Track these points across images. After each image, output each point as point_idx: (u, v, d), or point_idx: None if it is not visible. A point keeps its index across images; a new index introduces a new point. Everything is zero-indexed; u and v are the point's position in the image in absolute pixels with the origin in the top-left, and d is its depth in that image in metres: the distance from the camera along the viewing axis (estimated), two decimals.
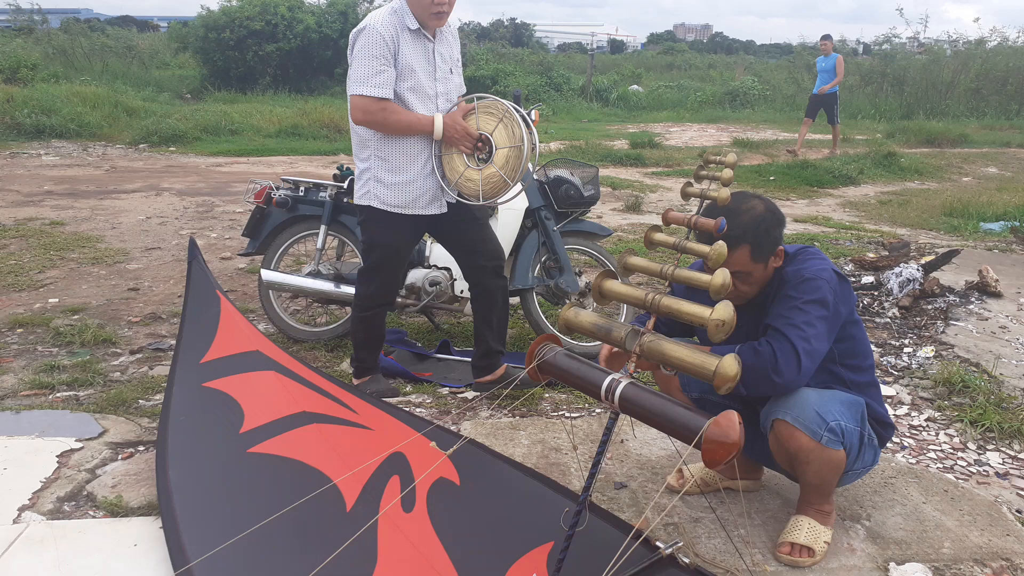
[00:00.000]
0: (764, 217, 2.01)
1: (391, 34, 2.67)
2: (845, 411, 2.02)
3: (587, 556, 1.73)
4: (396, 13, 2.72)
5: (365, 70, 2.66)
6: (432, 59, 2.81)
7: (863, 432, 2.06)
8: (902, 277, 4.35)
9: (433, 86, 2.81)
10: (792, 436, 1.99)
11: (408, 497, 2.09)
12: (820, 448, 1.98)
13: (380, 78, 2.67)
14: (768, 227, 2.01)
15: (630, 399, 1.72)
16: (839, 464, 2.04)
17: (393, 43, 2.68)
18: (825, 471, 2.04)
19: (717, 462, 1.57)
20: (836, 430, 1.98)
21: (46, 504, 2.27)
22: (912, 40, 20.41)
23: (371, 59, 2.66)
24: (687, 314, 1.69)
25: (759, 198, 2.07)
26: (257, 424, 2.42)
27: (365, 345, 3.09)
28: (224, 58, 16.84)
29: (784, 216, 2.10)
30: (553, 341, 1.98)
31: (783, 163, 10.45)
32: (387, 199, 2.80)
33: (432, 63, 2.81)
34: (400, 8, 2.73)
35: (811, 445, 1.98)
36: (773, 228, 2.02)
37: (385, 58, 2.67)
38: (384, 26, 2.66)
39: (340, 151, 10.74)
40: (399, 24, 2.70)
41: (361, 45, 2.67)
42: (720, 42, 53.47)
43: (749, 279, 2.05)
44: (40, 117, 11.02)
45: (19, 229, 5.78)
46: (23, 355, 3.46)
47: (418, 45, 2.76)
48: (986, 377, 3.33)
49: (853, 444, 2.03)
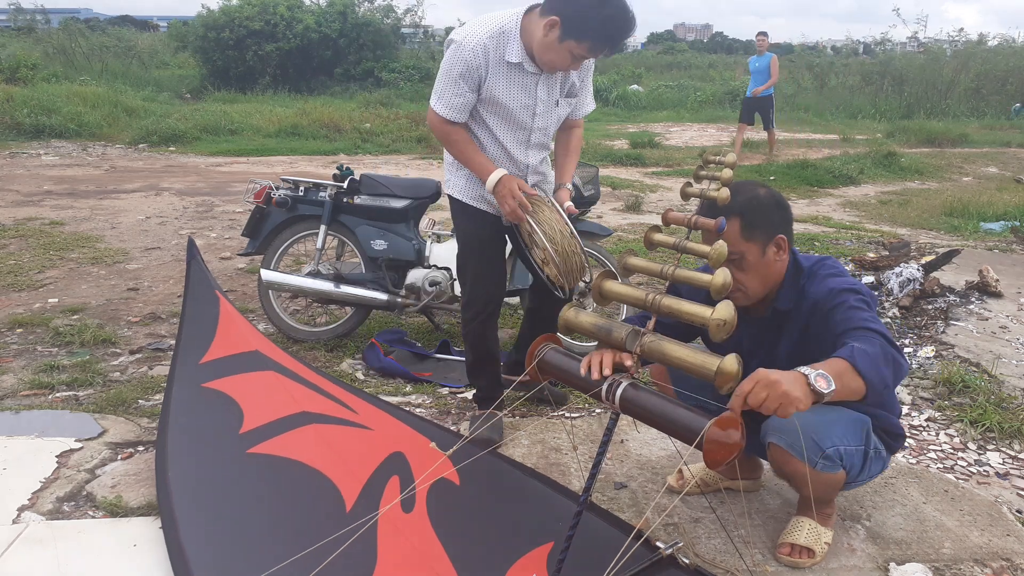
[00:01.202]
0: (761, 198, 1.96)
1: (479, 63, 2.35)
2: (847, 432, 1.97)
3: (587, 556, 1.72)
4: (497, 39, 2.35)
5: (442, 86, 2.41)
6: (533, 93, 2.46)
7: (867, 449, 2.01)
8: (902, 277, 4.35)
9: (529, 120, 2.51)
10: (787, 461, 1.97)
11: (408, 498, 2.09)
12: (816, 473, 1.96)
13: (455, 100, 2.41)
14: (764, 206, 1.95)
15: (630, 399, 1.72)
16: (838, 483, 2.02)
17: (479, 72, 2.37)
18: (823, 490, 2.03)
19: (719, 462, 1.57)
20: (833, 456, 1.94)
21: (46, 504, 2.26)
22: (912, 40, 20.41)
23: (450, 80, 2.38)
24: (688, 314, 1.68)
25: (764, 186, 2.02)
26: (257, 424, 2.41)
27: (475, 367, 2.79)
28: (224, 58, 16.85)
29: (789, 207, 2.05)
30: (553, 341, 1.98)
31: (783, 163, 10.44)
32: (463, 190, 2.62)
33: (532, 97, 2.47)
34: (506, 33, 2.35)
35: (805, 470, 1.95)
36: (771, 210, 1.96)
37: (466, 84, 2.38)
38: (474, 52, 2.34)
39: (340, 151, 10.74)
40: (496, 55, 2.36)
41: (446, 61, 2.39)
42: (720, 42, 53.48)
43: (743, 264, 1.96)
44: (40, 117, 11.03)
45: (19, 229, 5.78)
46: (23, 355, 3.46)
47: (515, 79, 2.41)
48: (986, 377, 3.33)
49: (854, 464, 2.00)
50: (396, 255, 3.59)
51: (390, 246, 3.59)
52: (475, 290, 2.70)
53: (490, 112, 2.49)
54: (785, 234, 1.99)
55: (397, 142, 11.50)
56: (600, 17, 2.23)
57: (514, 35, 2.36)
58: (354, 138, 11.51)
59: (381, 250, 3.59)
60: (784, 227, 2.00)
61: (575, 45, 2.28)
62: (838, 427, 1.96)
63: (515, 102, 2.45)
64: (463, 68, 2.35)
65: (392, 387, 3.25)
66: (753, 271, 1.98)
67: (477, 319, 2.70)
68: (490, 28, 2.36)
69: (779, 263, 2.01)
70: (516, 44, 2.36)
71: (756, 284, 2.00)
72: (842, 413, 1.98)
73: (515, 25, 2.36)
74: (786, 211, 2.01)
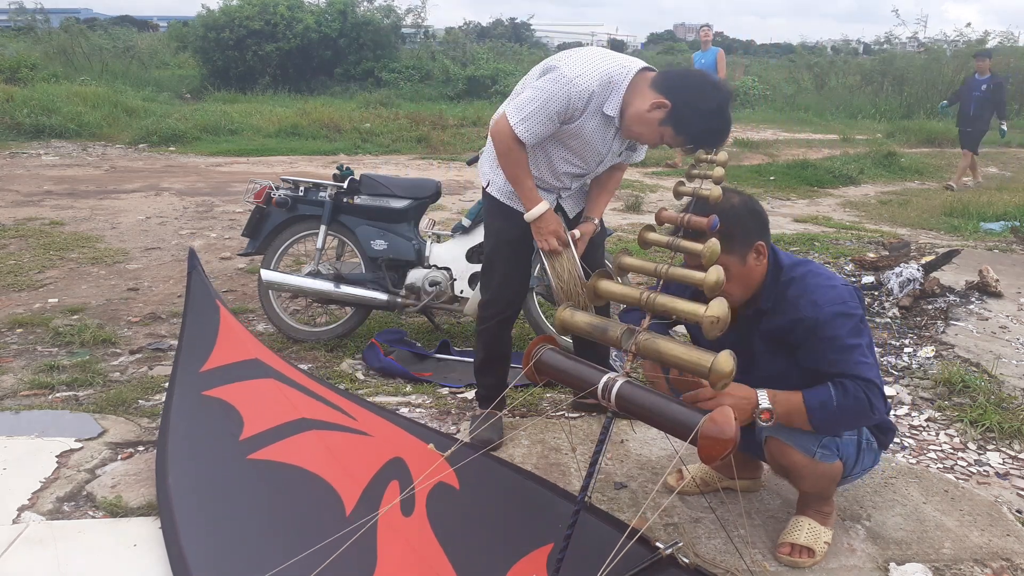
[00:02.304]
0: (735, 209, 1.94)
1: (580, 105, 2.32)
2: None
3: (587, 556, 1.73)
4: (604, 87, 2.33)
5: (532, 110, 2.33)
6: (609, 145, 2.49)
7: (860, 440, 2.04)
8: (902, 277, 4.35)
9: (594, 165, 2.55)
10: (785, 453, 1.99)
11: (408, 502, 2.09)
12: (814, 463, 1.98)
13: (539, 129, 2.35)
14: (739, 218, 1.93)
15: (626, 397, 1.73)
16: (836, 474, 2.03)
17: (575, 112, 2.34)
18: (822, 482, 2.04)
19: (713, 458, 1.58)
20: (829, 445, 1.97)
21: (46, 504, 2.26)
22: (912, 40, 20.41)
23: (545, 112, 2.32)
24: (682, 311, 1.69)
25: (738, 193, 2.00)
26: (257, 431, 2.42)
27: (484, 366, 2.78)
28: (224, 58, 16.85)
29: (764, 213, 2.01)
30: (551, 342, 1.99)
31: (783, 163, 10.44)
32: (501, 189, 2.61)
33: (608, 148, 2.50)
34: (613, 84, 2.33)
35: (804, 461, 1.98)
36: (746, 219, 1.94)
37: (558, 119, 2.35)
38: (580, 95, 2.30)
39: (340, 151, 10.74)
40: (596, 103, 2.34)
41: (546, 90, 2.31)
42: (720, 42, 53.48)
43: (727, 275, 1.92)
44: (40, 117, 11.02)
45: (19, 229, 5.78)
46: (23, 355, 3.46)
47: (600, 128, 2.42)
48: (986, 377, 3.33)
49: (849, 453, 2.02)
50: (396, 255, 3.59)
51: (390, 246, 3.59)
52: (500, 290, 2.69)
53: (561, 144, 2.47)
54: (763, 239, 1.98)
55: (397, 142, 11.50)
56: (708, 124, 2.24)
57: (620, 89, 2.33)
58: (354, 138, 11.51)
59: (381, 250, 3.59)
60: (761, 233, 1.98)
61: (672, 135, 2.30)
62: None
63: (591, 148, 2.46)
64: (563, 106, 2.31)
65: (392, 387, 3.25)
66: (736, 280, 1.97)
67: (496, 318, 2.71)
68: (601, 75, 2.32)
69: (759, 267, 2.00)
70: (618, 98, 2.33)
71: (740, 290, 2.00)
72: None
73: (624, 80, 2.33)
74: (760, 216, 2.00)
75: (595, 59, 2.35)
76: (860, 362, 1.88)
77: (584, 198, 2.72)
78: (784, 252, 2.07)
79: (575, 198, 2.70)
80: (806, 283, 1.96)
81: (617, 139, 2.48)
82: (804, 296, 1.93)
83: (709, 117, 2.23)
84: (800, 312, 1.92)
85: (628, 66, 2.35)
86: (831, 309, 1.89)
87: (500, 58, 19.39)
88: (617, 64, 2.35)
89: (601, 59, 2.36)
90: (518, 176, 2.46)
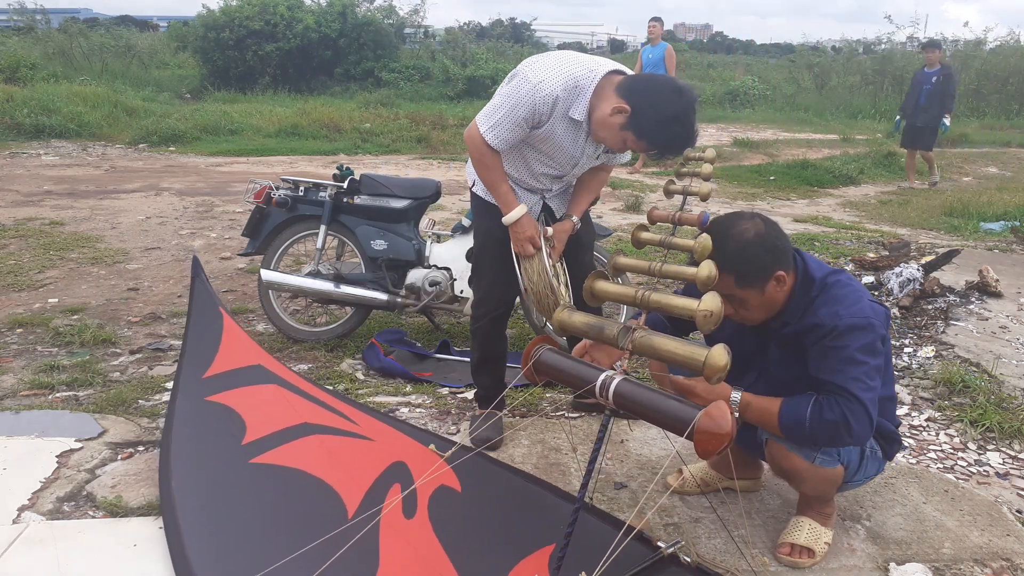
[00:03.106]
0: (751, 244, 1.88)
1: (545, 111, 2.31)
2: None
3: (587, 556, 1.73)
4: (570, 92, 2.31)
5: (500, 117, 2.34)
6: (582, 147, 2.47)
7: (863, 448, 2.03)
8: (902, 277, 4.35)
9: (568, 168, 2.54)
10: (785, 457, 1.99)
11: (410, 504, 2.10)
12: (814, 468, 1.97)
13: (508, 135, 2.36)
14: (755, 254, 1.88)
15: (624, 395, 1.74)
16: (837, 479, 2.03)
17: (542, 117, 2.33)
18: (822, 486, 2.04)
19: (710, 452, 1.59)
20: (830, 451, 1.96)
21: (46, 504, 2.26)
22: (911, 40, 20.41)
23: (512, 118, 2.32)
24: (677, 307, 1.71)
25: (754, 219, 1.92)
26: (259, 435, 2.43)
27: (480, 365, 2.78)
28: (224, 58, 16.84)
29: (782, 241, 1.93)
30: (549, 342, 1.99)
31: (783, 163, 10.45)
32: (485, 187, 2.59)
33: (580, 150, 2.48)
34: (579, 89, 2.30)
35: (804, 465, 1.97)
36: (761, 255, 1.88)
37: (526, 124, 2.34)
38: (544, 100, 2.28)
39: (340, 151, 10.74)
40: (563, 108, 2.33)
41: (511, 96, 2.31)
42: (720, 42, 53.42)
43: (746, 304, 1.95)
44: (40, 117, 11.02)
45: (19, 229, 5.78)
46: (23, 355, 3.46)
47: (570, 131, 2.40)
48: (986, 377, 3.33)
49: (852, 460, 2.01)
50: (396, 255, 3.59)
51: (390, 246, 3.59)
52: (490, 289, 2.70)
53: (533, 148, 2.48)
54: (783, 266, 1.92)
55: (397, 142, 11.50)
56: (668, 129, 2.21)
57: (586, 93, 2.31)
58: (354, 138, 11.51)
59: (381, 250, 3.59)
60: (781, 262, 1.92)
61: (633, 139, 2.28)
62: None
63: (563, 152, 2.46)
64: (528, 112, 2.31)
65: (392, 387, 3.25)
66: (756, 308, 1.95)
67: (487, 317, 2.71)
68: (565, 79, 2.30)
69: (782, 291, 1.95)
70: (584, 102, 2.32)
71: (760, 315, 1.97)
72: None
73: (590, 84, 2.31)
74: (777, 250, 1.91)
75: (561, 63, 2.33)
76: (858, 379, 1.84)
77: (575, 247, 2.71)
78: (816, 262, 2.00)
79: (560, 198, 2.70)
80: (833, 293, 1.92)
81: (590, 142, 2.45)
82: (827, 305, 1.91)
83: (669, 123, 2.19)
84: (819, 318, 1.89)
85: (595, 69, 2.32)
86: (850, 320, 1.85)
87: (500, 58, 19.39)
88: (583, 68, 2.33)
89: (567, 63, 2.33)
90: (493, 181, 2.47)
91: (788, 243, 1.97)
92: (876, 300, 1.96)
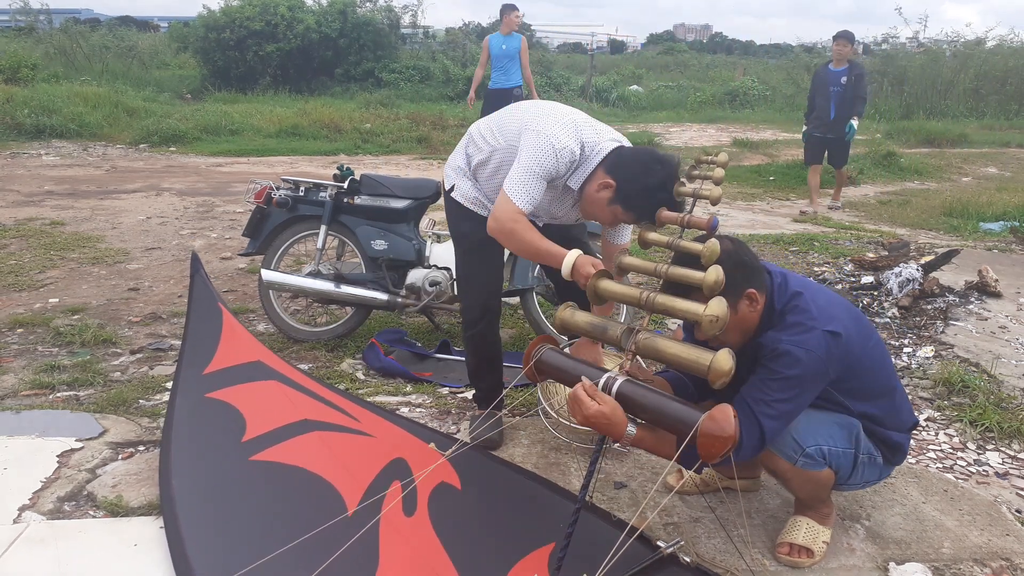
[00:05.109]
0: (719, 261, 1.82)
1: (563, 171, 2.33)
2: (832, 433, 1.98)
3: (587, 555, 1.73)
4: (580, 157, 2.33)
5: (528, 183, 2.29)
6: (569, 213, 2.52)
7: (857, 453, 2.02)
8: (902, 277, 4.35)
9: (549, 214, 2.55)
10: (769, 458, 2.00)
11: (410, 502, 2.10)
12: (796, 470, 1.98)
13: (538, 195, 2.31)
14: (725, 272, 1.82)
15: (626, 396, 1.73)
16: (825, 481, 2.02)
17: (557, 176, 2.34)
18: (809, 487, 2.04)
19: (713, 455, 1.59)
20: (814, 455, 1.95)
21: (46, 504, 2.27)
22: (912, 40, 20.38)
23: (536, 178, 2.28)
24: (681, 311, 1.70)
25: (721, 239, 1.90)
26: (259, 432, 2.43)
27: (477, 371, 2.79)
28: (224, 58, 16.84)
29: (752, 260, 1.93)
30: (551, 342, 1.99)
31: (783, 163, 10.44)
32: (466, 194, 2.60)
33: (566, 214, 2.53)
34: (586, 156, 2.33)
35: (787, 467, 1.98)
36: (731, 271, 1.80)
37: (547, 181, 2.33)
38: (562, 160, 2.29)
39: (340, 151, 10.74)
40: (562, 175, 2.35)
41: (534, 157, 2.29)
42: (720, 42, 53.42)
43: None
44: (40, 117, 11.02)
45: (19, 229, 5.79)
46: (23, 355, 3.46)
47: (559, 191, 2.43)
48: (986, 377, 3.33)
49: (843, 465, 2.01)
50: (396, 255, 3.60)
51: (390, 246, 3.60)
52: (479, 294, 2.69)
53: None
54: (753, 286, 1.89)
55: (397, 142, 11.50)
56: (653, 198, 2.21)
57: (584, 166, 2.33)
58: (354, 138, 11.51)
59: (381, 250, 3.60)
60: (749, 280, 1.89)
61: (621, 212, 2.28)
62: (823, 428, 1.98)
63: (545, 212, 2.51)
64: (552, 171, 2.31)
65: (392, 387, 3.25)
66: (731, 328, 1.89)
67: (481, 321, 2.70)
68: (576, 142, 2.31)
69: (754, 313, 1.93)
70: (585, 172, 2.33)
71: (736, 337, 1.93)
72: (830, 415, 2.00)
73: (597, 157, 2.32)
74: (747, 266, 1.90)
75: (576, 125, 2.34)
76: (768, 404, 1.81)
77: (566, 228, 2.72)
78: (782, 287, 1.96)
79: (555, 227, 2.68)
80: (787, 319, 1.90)
81: (575, 208, 2.49)
82: (777, 328, 1.89)
83: (654, 191, 2.19)
84: (766, 338, 1.88)
85: (603, 145, 2.33)
86: (787, 347, 1.83)
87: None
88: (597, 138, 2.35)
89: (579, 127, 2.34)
90: (535, 242, 2.33)
91: (758, 262, 1.95)
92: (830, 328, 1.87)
